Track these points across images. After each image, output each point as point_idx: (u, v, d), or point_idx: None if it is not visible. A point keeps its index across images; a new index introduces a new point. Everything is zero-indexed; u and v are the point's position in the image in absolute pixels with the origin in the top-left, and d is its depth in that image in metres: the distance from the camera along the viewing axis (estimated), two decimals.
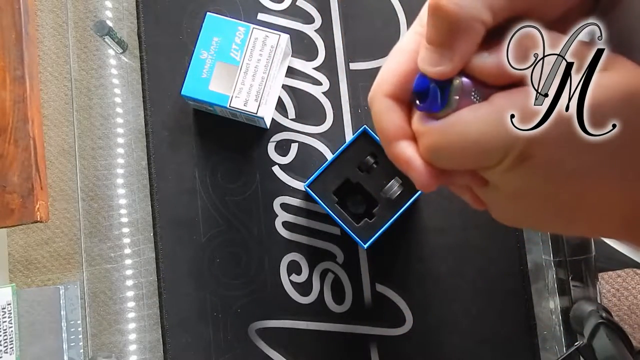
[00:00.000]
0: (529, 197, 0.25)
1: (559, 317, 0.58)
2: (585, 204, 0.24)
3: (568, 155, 0.22)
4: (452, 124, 0.24)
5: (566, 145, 0.22)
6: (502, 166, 0.23)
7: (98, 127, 0.65)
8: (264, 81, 0.56)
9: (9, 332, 0.71)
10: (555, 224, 0.27)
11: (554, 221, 0.26)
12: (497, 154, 0.23)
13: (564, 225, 0.27)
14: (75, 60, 0.66)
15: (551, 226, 0.28)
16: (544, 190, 0.24)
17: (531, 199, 0.25)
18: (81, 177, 0.64)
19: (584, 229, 0.27)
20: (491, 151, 0.23)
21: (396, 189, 0.53)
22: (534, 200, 0.25)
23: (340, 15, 0.63)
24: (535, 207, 0.25)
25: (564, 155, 0.22)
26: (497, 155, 0.23)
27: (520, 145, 0.22)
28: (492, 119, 0.23)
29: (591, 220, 0.26)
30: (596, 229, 0.27)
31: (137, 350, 0.61)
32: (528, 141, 0.22)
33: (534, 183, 0.24)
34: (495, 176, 0.24)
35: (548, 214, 0.26)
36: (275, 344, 0.59)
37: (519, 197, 0.25)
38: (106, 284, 0.62)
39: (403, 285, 0.59)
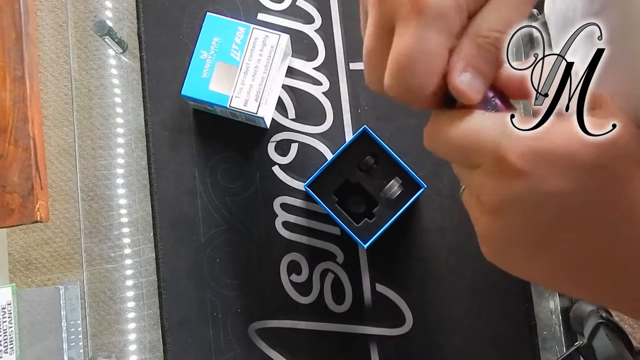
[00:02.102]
0: (510, 216, 0.23)
1: (559, 317, 0.58)
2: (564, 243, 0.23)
3: (559, 176, 0.22)
4: (461, 113, 0.24)
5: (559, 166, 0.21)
6: (491, 166, 0.23)
7: (98, 127, 0.65)
8: (264, 81, 0.56)
9: (9, 332, 0.71)
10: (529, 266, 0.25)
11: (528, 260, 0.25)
12: (487, 150, 0.23)
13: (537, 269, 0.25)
14: (75, 60, 0.66)
15: (523, 266, 0.26)
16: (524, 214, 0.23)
17: (511, 219, 0.23)
18: (81, 177, 0.64)
19: (563, 280, 0.25)
20: (485, 143, 0.23)
21: (396, 189, 0.53)
22: (513, 221, 0.24)
23: (340, 15, 0.63)
24: (513, 230, 0.24)
25: (556, 175, 0.22)
26: (490, 152, 0.22)
27: (514, 148, 0.22)
28: (496, 122, 0.23)
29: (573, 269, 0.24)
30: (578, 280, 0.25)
31: (137, 350, 0.61)
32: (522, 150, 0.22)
33: (517, 199, 0.22)
34: (484, 178, 0.24)
35: (523, 245, 0.24)
36: (275, 344, 0.59)
37: (499, 214, 0.24)
38: (106, 284, 0.62)
39: (403, 285, 0.59)
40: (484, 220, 0.25)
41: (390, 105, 0.61)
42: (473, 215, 0.26)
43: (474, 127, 0.23)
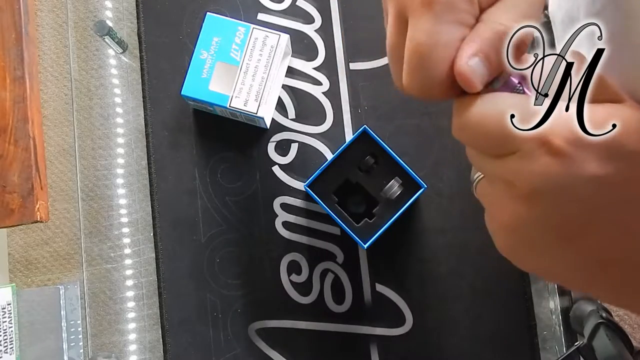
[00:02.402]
0: (540, 204, 0.23)
1: (559, 317, 0.58)
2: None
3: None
4: (495, 97, 0.24)
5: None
6: (531, 150, 0.22)
7: (98, 127, 0.65)
8: (264, 81, 0.56)
9: (9, 332, 0.71)
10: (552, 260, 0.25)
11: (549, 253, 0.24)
12: (528, 135, 0.22)
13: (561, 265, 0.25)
14: (75, 60, 0.66)
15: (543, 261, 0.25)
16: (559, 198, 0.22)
17: (540, 208, 0.23)
18: (81, 177, 0.64)
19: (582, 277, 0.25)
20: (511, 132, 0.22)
21: (396, 189, 0.53)
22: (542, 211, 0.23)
23: (340, 15, 0.63)
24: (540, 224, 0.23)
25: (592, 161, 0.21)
26: (532, 135, 0.22)
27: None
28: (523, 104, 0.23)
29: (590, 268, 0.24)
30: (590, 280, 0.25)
31: (137, 350, 0.61)
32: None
33: (551, 181, 0.22)
34: (522, 164, 0.23)
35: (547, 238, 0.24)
36: (275, 344, 0.59)
37: (529, 201, 0.23)
38: (106, 284, 0.62)
39: (403, 285, 0.59)
40: (514, 208, 0.24)
41: (390, 105, 0.61)
42: (496, 204, 0.25)
43: (509, 111, 0.23)
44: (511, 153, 0.23)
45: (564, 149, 0.21)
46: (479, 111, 0.24)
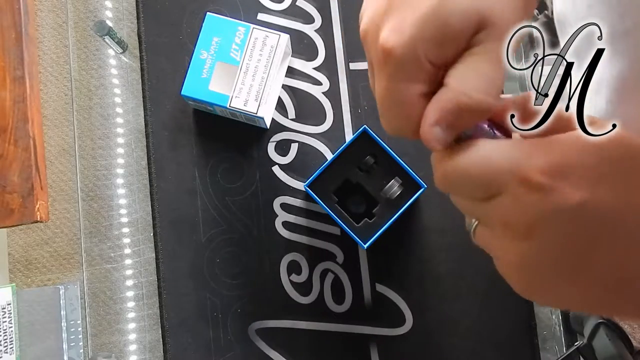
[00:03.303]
0: (542, 236, 0.23)
1: (559, 317, 0.58)
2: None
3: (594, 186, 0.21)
4: (471, 145, 0.24)
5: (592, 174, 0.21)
6: (515, 189, 0.22)
7: (98, 127, 0.65)
8: (264, 81, 0.56)
9: (9, 332, 0.71)
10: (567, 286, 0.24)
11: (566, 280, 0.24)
12: (508, 174, 0.22)
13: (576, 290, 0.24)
14: (75, 60, 0.66)
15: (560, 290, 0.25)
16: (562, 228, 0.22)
17: (543, 241, 0.23)
18: (81, 177, 0.64)
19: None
20: (502, 171, 0.23)
21: (396, 189, 0.53)
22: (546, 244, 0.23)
23: (340, 15, 0.63)
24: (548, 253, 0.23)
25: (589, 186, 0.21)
26: (512, 175, 0.22)
27: (533, 168, 0.22)
28: (506, 148, 0.23)
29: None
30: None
31: (137, 350, 0.61)
32: (543, 169, 0.21)
33: (550, 218, 0.22)
34: (509, 203, 0.23)
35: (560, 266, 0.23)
36: (275, 344, 0.59)
37: (532, 237, 0.23)
38: (106, 284, 0.62)
39: (403, 285, 0.59)
40: (515, 247, 0.24)
41: None
42: (498, 247, 0.25)
43: (487, 156, 0.23)
44: (497, 195, 0.23)
45: (542, 183, 0.21)
46: (461, 161, 0.24)
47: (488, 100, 0.23)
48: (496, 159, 0.23)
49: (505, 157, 0.23)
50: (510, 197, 0.23)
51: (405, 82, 0.24)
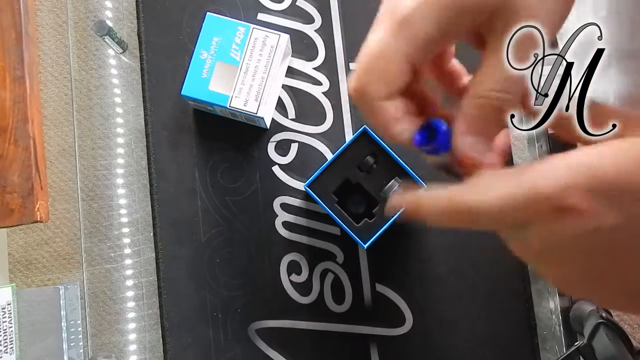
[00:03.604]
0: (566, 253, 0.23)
1: (559, 317, 0.58)
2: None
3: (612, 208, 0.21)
4: (476, 183, 0.24)
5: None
6: (549, 217, 0.22)
7: (98, 127, 0.65)
8: (264, 81, 0.56)
9: (9, 332, 0.71)
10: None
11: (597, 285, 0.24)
12: (525, 208, 0.22)
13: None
14: (75, 60, 0.66)
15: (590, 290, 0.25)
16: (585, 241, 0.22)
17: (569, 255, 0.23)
18: (81, 177, 0.64)
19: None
20: (518, 206, 0.22)
21: (396, 189, 0.53)
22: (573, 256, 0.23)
23: (340, 15, 0.63)
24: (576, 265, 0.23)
25: (605, 207, 0.21)
26: (545, 204, 0.21)
27: (551, 195, 0.21)
28: (517, 180, 0.22)
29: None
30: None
31: (137, 350, 0.61)
32: (561, 190, 0.21)
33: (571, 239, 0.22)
34: (542, 232, 0.23)
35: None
36: (275, 344, 0.59)
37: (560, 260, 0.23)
38: (106, 284, 0.62)
39: (403, 285, 0.59)
40: (553, 272, 0.24)
41: None
42: (533, 264, 0.26)
43: (510, 188, 0.22)
44: (527, 224, 0.23)
45: (584, 207, 0.21)
46: (476, 199, 0.24)
47: (507, 97, 0.23)
48: (516, 191, 0.22)
49: (534, 185, 0.22)
50: (545, 224, 0.22)
51: (374, 113, 0.28)
